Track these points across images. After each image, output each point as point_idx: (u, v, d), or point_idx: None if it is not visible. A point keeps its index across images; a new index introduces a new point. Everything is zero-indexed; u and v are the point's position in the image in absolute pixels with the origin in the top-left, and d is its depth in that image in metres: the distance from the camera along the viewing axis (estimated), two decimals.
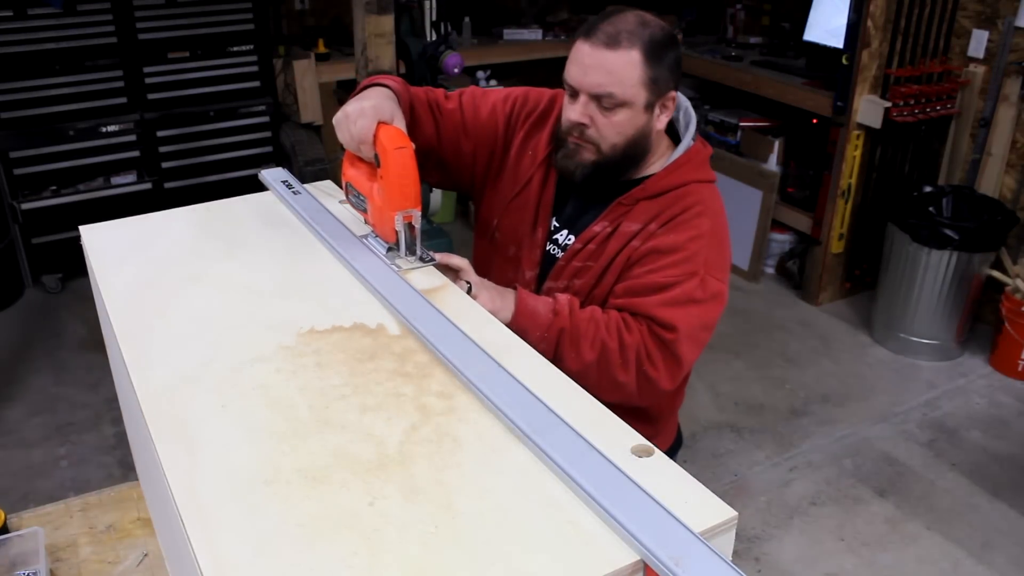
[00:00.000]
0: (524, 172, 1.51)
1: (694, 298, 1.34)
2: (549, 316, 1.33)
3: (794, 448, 2.88)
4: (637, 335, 1.32)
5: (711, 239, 1.38)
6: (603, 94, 1.33)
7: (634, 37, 1.32)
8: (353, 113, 1.24)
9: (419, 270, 1.19)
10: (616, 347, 1.31)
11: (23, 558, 1.22)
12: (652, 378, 1.34)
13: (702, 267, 1.35)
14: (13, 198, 3.59)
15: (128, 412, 1.21)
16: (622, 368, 1.32)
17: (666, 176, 1.42)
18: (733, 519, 0.74)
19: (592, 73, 1.34)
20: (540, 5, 4.89)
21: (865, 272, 3.76)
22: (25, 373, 3.18)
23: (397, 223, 1.19)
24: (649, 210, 1.41)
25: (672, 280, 1.34)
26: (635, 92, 1.34)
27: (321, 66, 4.00)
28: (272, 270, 1.18)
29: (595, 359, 1.31)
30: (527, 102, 1.56)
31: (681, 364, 1.36)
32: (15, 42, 3.43)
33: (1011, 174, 3.37)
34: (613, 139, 1.37)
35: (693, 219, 1.38)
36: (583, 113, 1.36)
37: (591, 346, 1.31)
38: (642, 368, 1.33)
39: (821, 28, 3.72)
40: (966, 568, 2.38)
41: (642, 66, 1.32)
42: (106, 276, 1.17)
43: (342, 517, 0.74)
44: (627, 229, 1.41)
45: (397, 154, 1.19)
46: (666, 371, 1.34)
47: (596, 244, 1.43)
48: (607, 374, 1.32)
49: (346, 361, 0.97)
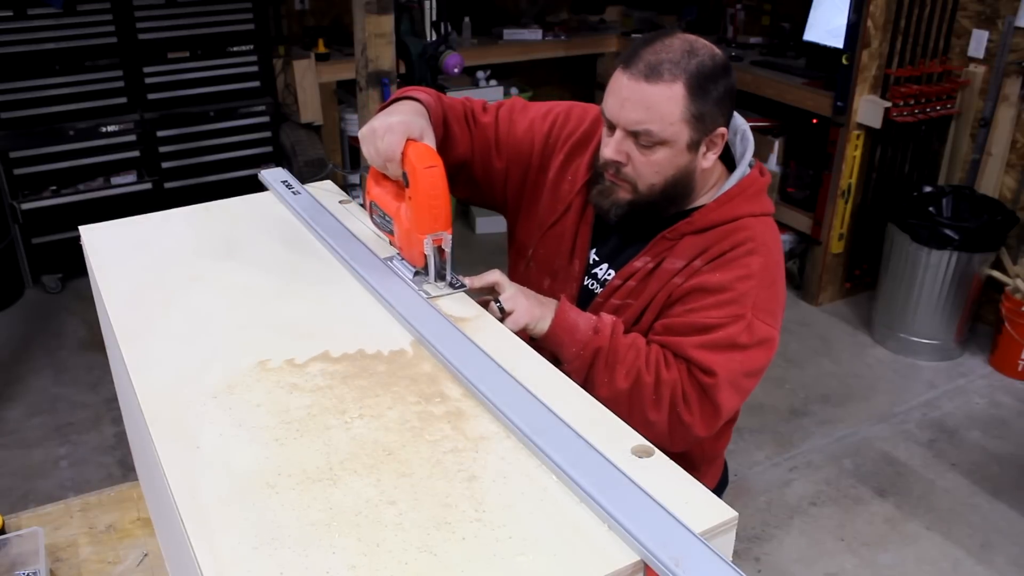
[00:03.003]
0: (563, 198, 1.40)
1: (738, 343, 1.23)
2: (589, 333, 1.23)
3: (794, 448, 2.88)
4: (675, 374, 1.22)
5: (762, 279, 1.26)
6: (641, 131, 1.21)
7: (677, 68, 1.19)
8: (380, 128, 1.16)
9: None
10: (652, 382, 1.21)
11: (23, 558, 1.22)
12: (686, 422, 1.23)
13: (750, 310, 1.23)
14: (13, 198, 3.59)
15: (128, 412, 1.21)
16: (654, 406, 1.22)
17: (716, 209, 1.29)
18: (733, 519, 0.74)
19: (629, 108, 1.21)
20: (540, 5, 4.89)
21: (865, 272, 3.76)
22: (25, 373, 3.18)
23: (426, 247, 1.11)
24: (695, 245, 1.29)
25: (715, 322, 1.23)
26: (676, 130, 1.21)
27: (321, 66, 4.00)
28: (272, 270, 1.18)
29: (627, 388, 1.22)
30: (568, 121, 1.44)
31: (719, 412, 1.24)
32: (15, 42, 3.44)
33: (1011, 174, 3.37)
34: (651, 179, 1.25)
35: (743, 257, 1.26)
36: (618, 150, 1.24)
37: (626, 375, 1.22)
38: (676, 410, 1.22)
39: (821, 28, 3.72)
40: (966, 568, 2.38)
41: (685, 101, 1.19)
42: (106, 276, 1.17)
43: (342, 517, 0.74)
44: (671, 266, 1.29)
45: (427, 173, 1.11)
46: (701, 417, 1.23)
47: (636, 281, 1.32)
48: (638, 408, 1.22)
49: (346, 360, 0.97)
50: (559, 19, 4.85)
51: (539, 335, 1.24)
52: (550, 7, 4.91)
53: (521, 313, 1.22)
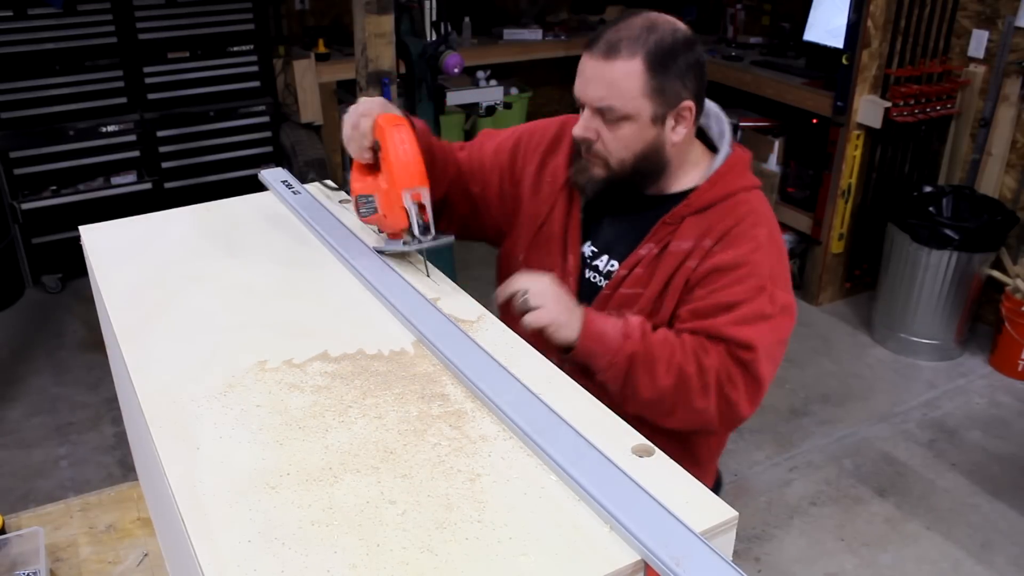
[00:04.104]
0: (546, 200, 1.43)
1: (765, 314, 1.25)
2: (619, 339, 1.21)
3: (794, 448, 2.88)
4: (716, 358, 1.23)
5: (770, 248, 1.29)
6: (604, 107, 1.26)
7: (635, 44, 1.23)
8: (361, 106, 1.22)
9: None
10: (695, 371, 1.21)
11: (23, 558, 1.22)
12: (733, 402, 1.24)
13: (768, 280, 1.26)
14: (13, 198, 3.59)
15: (128, 412, 1.21)
16: (702, 393, 1.22)
17: (710, 188, 1.33)
18: (733, 519, 0.74)
19: (592, 86, 1.26)
20: (540, 5, 4.89)
21: (865, 272, 3.76)
22: (25, 373, 3.18)
23: (405, 201, 1.15)
24: (698, 225, 1.31)
25: (740, 298, 1.25)
26: (638, 104, 1.24)
27: (321, 66, 4.00)
28: (272, 270, 1.18)
29: (672, 385, 1.21)
30: (534, 135, 1.49)
31: (761, 385, 1.26)
32: (15, 42, 3.44)
33: (1011, 174, 3.37)
34: (620, 154, 1.29)
35: (749, 230, 1.29)
36: (587, 128, 1.29)
37: (667, 371, 1.21)
38: (723, 391, 1.23)
39: (821, 28, 3.72)
40: (966, 568, 2.38)
41: (643, 76, 1.23)
42: (106, 276, 1.17)
43: (343, 517, 0.74)
44: (678, 248, 1.31)
45: (395, 130, 1.16)
46: (747, 394, 1.25)
47: (644, 268, 1.33)
48: (685, 400, 1.22)
49: (346, 360, 0.97)
50: (559, 19, 4.85)
51: (564, 343, 1.22)
52: (550, 7, 4.91)
53: (545, 313, 1.20)
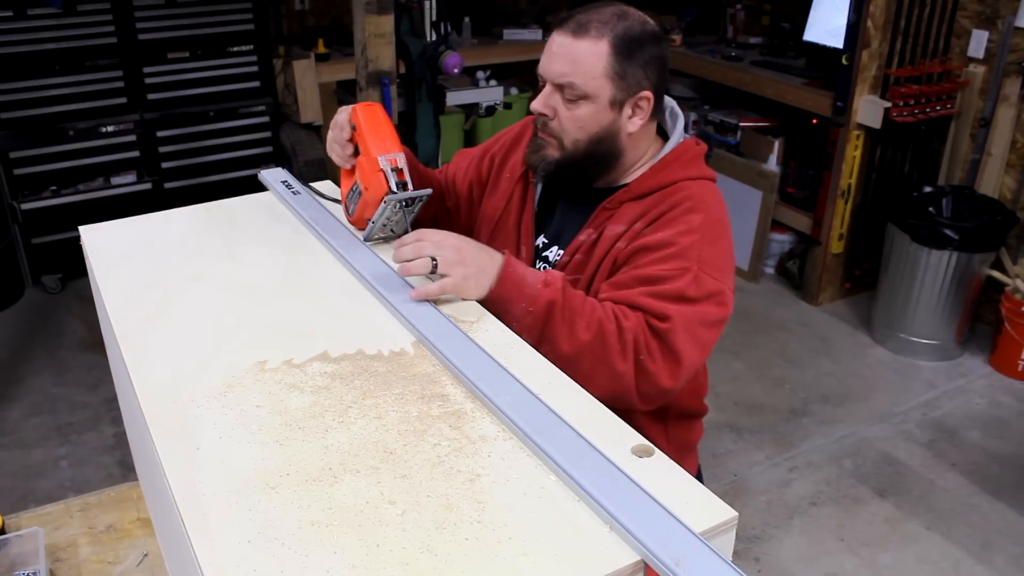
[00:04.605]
0: (503, 193, 1.46)
1: (687, 295, 1.22)
2: (538, 286, 1.18)
3: (794, 448, 2.88)
4: (634, 321, 1.20)
5: (704, 234, 1.26)
6: (565, 84, 1.27)
7: (605, 27, 1.26)
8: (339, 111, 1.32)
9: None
10: (614, 329, 1.19)
11: (23, 558, 1.22)
12: (651, 371, 1.20)
13: (695, 263, 1.23)
14: (13, 198, 3.59)
15: (128, 412, 1.21)
16: (620, 354, 1.19)
17: (652, 176, 1.33)
18: (733, 519, 0.74)
19: (556, 61, 1.28)
20: (540, 5, 4.89)
21: (865, 272, 3.76)
22: (25, 373, 3.18)
23: (382, 164, 1.21)
24: (634, 211, 1.31)
25: (661, 274, 1.23)
26: (598, 84, 1.25)
27: (321, 66, 4.00)
28: (272, 270, 1.18)
29: (590, 339, 1.18)
30: (499, 139, 1.53)
31: (680, 359, 1.21)
32: (15, 42, 3.44)
33: (1011, 174, 3.37)
34: (575, 134, 1.29)
35: (683, 215, 1.28)
36: (545, 104, 1.30)
37: (587, 325, 1.18)
38: (639, 359, 1.20)
39: (821, 28, 3.72)
40: (966, 568, 2.38)
41: (608, 58, 1.25)
42: (106, 276, 1.17)
43: (343, 517, 0.74)
44: (611, 232, 1.32)
45: (366, 107, 1.25)
46: (664, 365, 1.21)
47: (583, 254, 1.34)
48: (604, 359, 1.19)
49: (346, 360, 0.97)
50: (559, 19, 4.84)
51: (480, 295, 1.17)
52: (550, 7, 4.91)
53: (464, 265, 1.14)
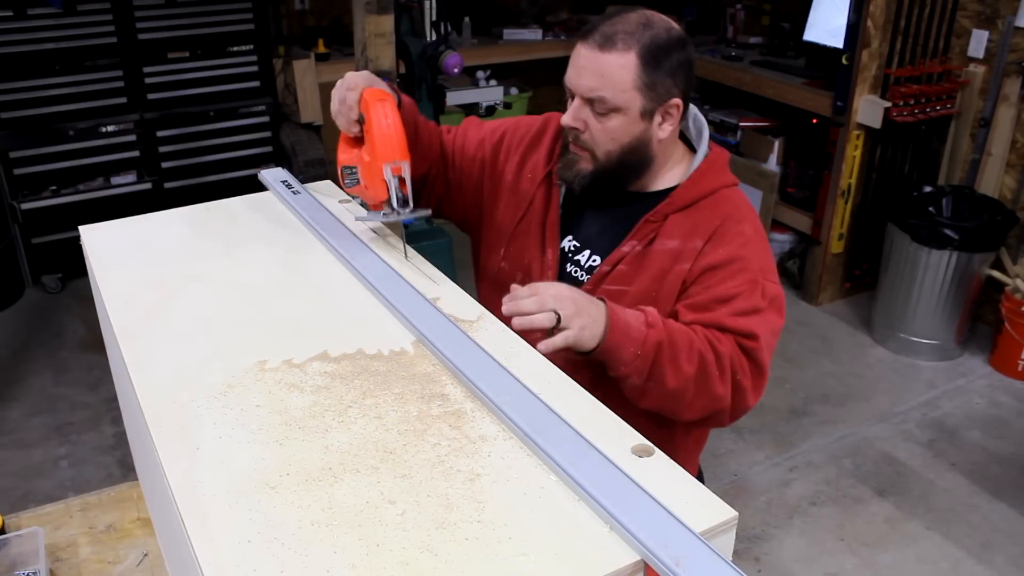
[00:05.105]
0: (525, 195, 1.45)
1: (758, 307, 1.27)
2: (643, 329, 1.18)
3: (794, 448, 2.88)
4: (728, 345, 1.24)
5: (757, 243, 1.32)
6: (595, 98, 1.28)
7: (631, 39, 1.26)
8: (347, 79, 1.27)
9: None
10: (713, 359, 1.22)
11: (23, 558, 1.22)
12: (744, 388, 1.25)
13: (759, 274, 1.29)
14: (13, 198, 3.59)
15: (128, 412, 1.21)
16: (720, 380, 1.23)
17: (692, 186, 1.35)
18: (733, 519, 0.74)
19: (585, 75, 1.28)
20: (540, 5, 4.89)
21: (865, 272, 3.75)
22: (25, 373, 3.18)
23: (386, 173, 1.19)
24: (682, 224, 1.33)
25: (735, 292, 1.27)
26: (629, 97, 1.27)
27: (321, 66, 4.00)
28: (272, 270, 1.18)
29: (694, 373, 1.21)
30: (518, 129, 1.51)
31: (763, 373, 1.28)
32: (15, 42, 3.44)
33: (1011, 174, 3.37)
34: (607, 146, 1.31)
35: (735, 227, 1.32)
36: (576, 117, 1.31)
37: (688, 359, 1.20)
38: (736, 379, 1.24)
39: (821, 28, 3.72)
40: (966, 568, 2.38)
41: (637, 70, 1.26)
42: (106, 276, 1.17)
43: (343, 517, 0.74)
44: (663, 247, 1.33)
45: (379, 105, 1.21)
46: (752, 381, 1.27)
47: (627, 265, 1.34)
48: (705, 388, 1.22)
49: (346, 360, 0.97)
50: (559, 19, 4.84)
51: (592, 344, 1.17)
52: (550, 7, 4.91)
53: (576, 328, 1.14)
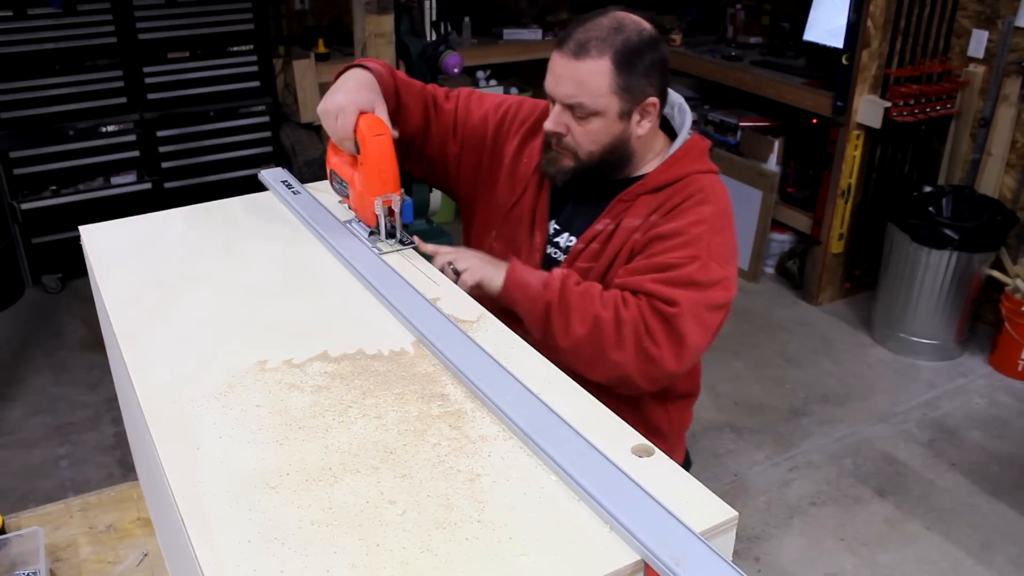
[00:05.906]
0: (521, 180, 1.51)
1: (696, 280, 1.30)
2: (539, 288, 1.31)
3: (794, 448, 2.88)
4: (635, 310, 1.28)
5: (712, 225, 1.35)
6: (574, 104, 1.33)
7: (604, 44, 1.30)
8: (334, 109, 1.28)
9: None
10: (610, 318, 1.27)
11: (23, 558, 1.22)
12: (654, 356, 1.28)
13: (704, 251, 1.32)
14: (13, 198, 3.59)
15: (128, 412, 1.21)
16: (616, 345, 1.27)
17: (665, 170, 1.41)
18: (733, 519, 0.74)
19: (563, 83, 1.33)
20: (540, 5, 4.89)
21: (865, 272, 3.75)
22: (25, 373, 3.18)
23: (377, 208, 1.23)
24: (650, 204, 1.39)
25: (673, 261, 1.31)
26: (606, 102, 1.32)
27: (321, 66, 3.99)
28: (272, 270, 1.18)
29: (586, 334, 1.27)
30: (520, 110, 1.55)
31: (684, 343, 1.29)
32: (15, 42, 3.43)
33: (1011, 174, 3.37)
34: (589, 147, 1.37)
35: (694, 206, 1.36)
36: (557, 122, 1.37)
37: (581, 320, 1.28)
38: (642, 345, 1.28)
39: (821, 28, 3.72)
40: (966, 568, 2.38)
41: (611, 75, 1.31)
42: (106, 276, 1.17)
43: (343, 517, 0.74)
44: (629, 224, 1.39)
45: (375, 141, 1.24)
46: (669, 349, 1.29)
47: (599, 243, 1.41)
48: (600, 351, 1.28)
49: (346, 360, 0.97)
50: (559, 19, 4.85)
51: (494, 293, 1.33)
52: (550, 7, 4.91)
53: (474, 272, 1.32)
